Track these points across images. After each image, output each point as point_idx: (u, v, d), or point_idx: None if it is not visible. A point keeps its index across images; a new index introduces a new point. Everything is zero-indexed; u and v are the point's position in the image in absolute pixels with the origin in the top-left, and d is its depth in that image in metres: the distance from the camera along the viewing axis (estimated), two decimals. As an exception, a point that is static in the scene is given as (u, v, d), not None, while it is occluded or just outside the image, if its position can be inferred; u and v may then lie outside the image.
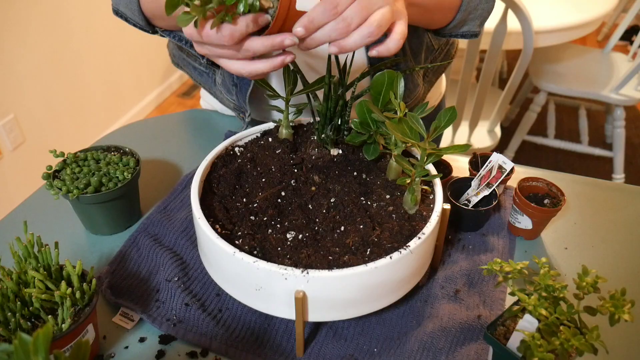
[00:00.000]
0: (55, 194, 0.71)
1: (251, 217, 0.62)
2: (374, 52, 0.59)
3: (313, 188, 0.66)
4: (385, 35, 0.58)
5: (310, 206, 0.64)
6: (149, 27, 0.76)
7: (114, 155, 0.78)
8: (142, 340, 0.63)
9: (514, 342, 0.54)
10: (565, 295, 0.55)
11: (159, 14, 0.72)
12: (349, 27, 0.53)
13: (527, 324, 0.52)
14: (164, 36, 0.79)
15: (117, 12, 0.77)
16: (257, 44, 0.55)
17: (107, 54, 2.43)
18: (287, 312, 0.57)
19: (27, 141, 2.09)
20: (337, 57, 0.65)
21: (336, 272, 0.53)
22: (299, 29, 0.53)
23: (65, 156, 0.76)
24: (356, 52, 0.71)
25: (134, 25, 0.77)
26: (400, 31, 0.58)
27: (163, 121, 1.06)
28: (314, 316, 0.57)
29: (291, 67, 0.68)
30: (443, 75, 1.03)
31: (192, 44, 0.79)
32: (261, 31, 0.55)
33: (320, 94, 0.70)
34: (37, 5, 2.01)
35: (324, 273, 0.53)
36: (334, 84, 0.66)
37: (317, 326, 0.64)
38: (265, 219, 0.62)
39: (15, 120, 2.00)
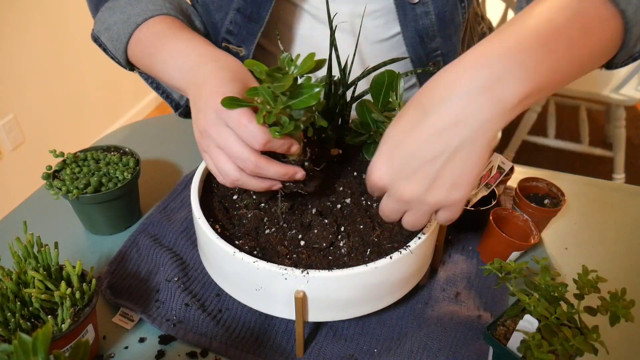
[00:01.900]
0: (55, 194, 0.71)
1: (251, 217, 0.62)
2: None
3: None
4: None
5: (310, 206, 0.64)
6: (128, 66, 0.72)
7: (114, 155, 0.78)
8: (142, 340, 0.63)
9: (514, 342, 0.54)
10: (565, 295, 0.55)
11: (145, 69, 0.69)
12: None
13: (527, 324, 0.52)
14: (141, 76, 0.77)
15: (96, 40, 0.74)
16: (272, 170, 0.53)
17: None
18: (287, 312, 0.57)
19: (27, 141, 2.09)
20: (337, 57, 0.65)
21: (336, 272, 0.53)
22: None
23: (65, 156, 0.76)
24: (356, 53, 0.71)
25: (112, 58, 0.73)
26: (442, 222, 0.51)
27: (163, 121, 1.06)
28: (314, 316, 0.57)
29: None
30: None
31: (162, 89, 0.77)
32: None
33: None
34: (37, 5, 2.01)
35: (324, 273, 0.53)
36: (335, 83, 0.66)
37: (317, 326, 0.64)
38: (264, 219, 0.62)
39: (15, 120, 2.00)
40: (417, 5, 0.70)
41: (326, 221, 0.60)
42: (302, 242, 0.59)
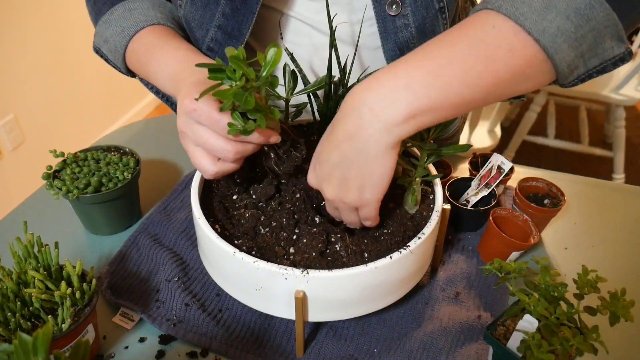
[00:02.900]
0: (55, 194, 0.71)
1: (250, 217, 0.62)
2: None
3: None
4: None
5: (310, 206, 0.64)
6: (129, 74, 0.76)
7: (114, 155, 0.78)
8: (142, 340, 0.63)
9: (514, 342, 0.54)
10: (565, 295, 0.55)
11: (144, 77, 0.73)
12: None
13: (527, 324, 0.52)
14: (141, 81, 0.80)
15: (97, 51, 0.77)
16: (250, 147, 0.57)
17: (107, 54, 2.43)
18: (287, 312, 0.57)
19: (27, 141, 2.09)
20: (338, 57, 0.65)
21: (336, 272, 0.53)
22: None
23: (65, 156, 0.76)
24: (356, 53, 0.71)
25: (113, 67, 0.77)
26: (365, 218, 0.56)
27: (163, 121, 1.06)
28: (314, 316, 0.57)
29: (292, 67, 0.68)
30: None
31: (162, 93, 0.79)
32: None
33: (320, 93, 0.70)
34: (37, 5, 2.01)
35: (324, 273, 0.53)
36: (335, 84, 0.66)
37: (317, 326, 0.64)
38: (262, 218, 0.62)
39: (15, 120, 2.00)
40: (396, 18, 0.68)
41: (314, 230, 0.60)
42: (292, 250, 0.59)
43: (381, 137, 0.48)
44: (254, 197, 0.65)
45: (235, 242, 0.59)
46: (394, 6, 0.67)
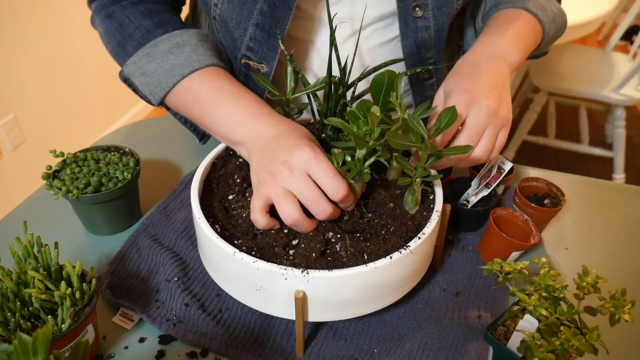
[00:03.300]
0: (55, 194, 0.71)
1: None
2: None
3: None
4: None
5: None
6: (159, 105, 0.75)
7: (114, 155, 0.78)
8: (142, 340, 0.63)
9: (514, 342, 0.54)
10: (565, 295, 0.55)
11: (190, 115, 0.72)
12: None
13: (527, 324, 0.52)
14: (168, 111, 0.79)
15: (126, 81, 0.75)
16: (338, 212, 0.60)
17: (107, 54, 2.43)
18: (287, 312, 0.57)
19: (27, 141, 2.09)
20: (338, 58, 0.65)
21: (336, 272, 0.53)
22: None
23: (65, 156, 0.76)
24: (356, 52, 0.71)
25: (141, 97, 0.75)
26: (501, 144, 0.66)
27: (163, 121, 1.06)
28: (314, 316, 0.57)
29: (292, 67, 0.68)
30: None
31: (190, 123, 0.81)
32: None
33: (320, 94, 0.70)
34: (37, 5, 2.01)
35: (324, 273, 0.53)
36: (335, 84, 0.66)
37: (317, 326, 0.64)
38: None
39: (15, 120, 2.00)
40: (419, 19, 0.72)
41: (311, 234, 0.60)
42: (292, 250, 0.59)
43: (510, 76, 0.70)
44: (249, 198, 0.65)
45: (235, 242, 0.59)
46: (417, 9, 0.72)
